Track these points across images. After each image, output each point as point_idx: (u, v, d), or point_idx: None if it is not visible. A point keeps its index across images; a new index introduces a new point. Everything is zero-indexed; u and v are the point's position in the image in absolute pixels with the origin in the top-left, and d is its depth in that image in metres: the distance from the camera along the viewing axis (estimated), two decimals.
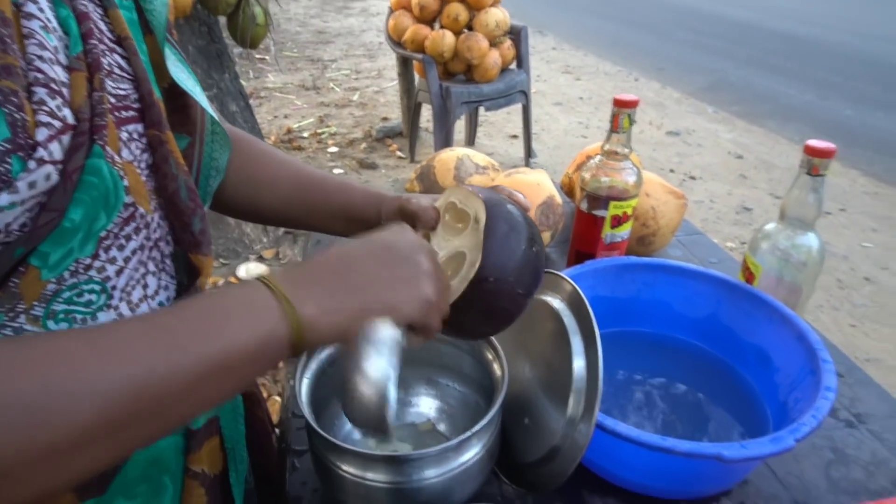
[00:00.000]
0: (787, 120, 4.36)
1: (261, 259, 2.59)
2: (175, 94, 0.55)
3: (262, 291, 0.40)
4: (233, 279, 2.44)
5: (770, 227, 0.80)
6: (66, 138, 0.38)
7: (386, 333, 0.40)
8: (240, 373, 0.39)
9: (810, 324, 0.73)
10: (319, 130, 4.01)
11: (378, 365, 0.39)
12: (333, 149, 3.75)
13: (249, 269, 2.48)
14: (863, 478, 0.68)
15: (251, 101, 3.13)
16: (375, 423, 0.39)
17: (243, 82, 2.88)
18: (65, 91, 0.39)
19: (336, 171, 3.49)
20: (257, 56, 5.68)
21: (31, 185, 0.36)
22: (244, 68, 5.24)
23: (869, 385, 0.81)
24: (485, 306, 0.52)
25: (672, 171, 3.58)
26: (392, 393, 0.39)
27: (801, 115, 4.47)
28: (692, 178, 3.50)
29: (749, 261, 0.81)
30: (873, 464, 0.69)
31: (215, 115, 0.60)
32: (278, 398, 1.70)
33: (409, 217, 0.60)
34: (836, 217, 3.06)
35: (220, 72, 2.50)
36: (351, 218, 0.67)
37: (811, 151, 0.73)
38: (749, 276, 0.81)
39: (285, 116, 4.30)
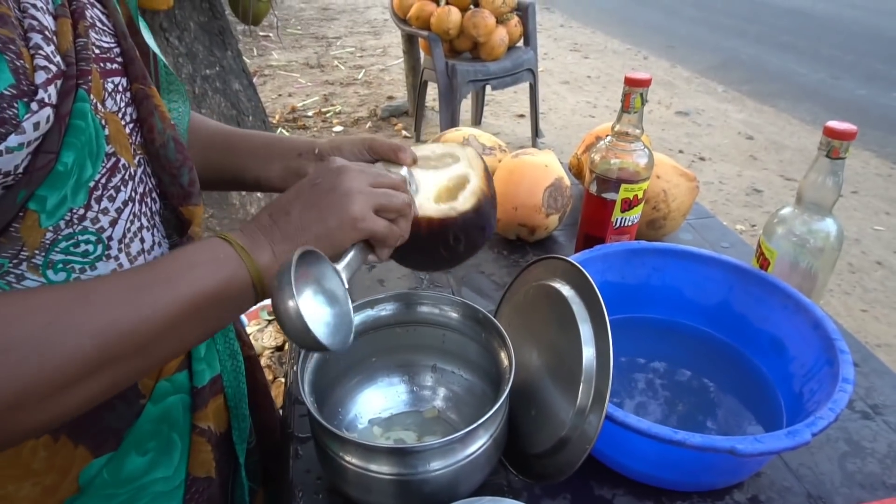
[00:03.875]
0: (799, 100, 4.29)
1: None
2: (142, 52, 0.55)
3: (221, 244, 0.47)
4: None
5: (786, 211, 0.78)
6: (59, 82, 0.40)
7: (288, 260, 0.42)
8: (209, 313, 0.45)
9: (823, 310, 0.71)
10: (324, 109, 3.97)
11: (283, 289, 0.41)
12: (338, 128, 3.72)
13: None
14: (879, 471, 0.66)
15: (255, 80, 3.09)
16: (308, 339, 0.42)
17: (246, 60, 2.84)
18: (55, 38, 0.41)
19: None
20: (261, 33, 5.61)
21: (35, 126, 0.38)
22: (247, 46, 5.19)
23: (885, 374, 0.79)
24: (477, 227, 0.62)
25: (681, 151, 3.53)
26: (304, 307, 0.41)
27: (813, 94, 4.39)
28: (701, 158, 3.46)
29: (764, 246, 0.79)
30: (890, 457, 0.68)
31: (168, 66, 0.60)
32: (283, 379, 1.69)
33: (384, 152, 0.63)
34: (847, 199, 3.02)
35: (223, 49, 2.46)
36: (271, 155, 0.66)
37: (831, 133, 0.70)
38: (764, 261, 0.79)
39: (289, 95, 4.26)
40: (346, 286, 0.47)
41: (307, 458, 0.67)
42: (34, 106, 0.38)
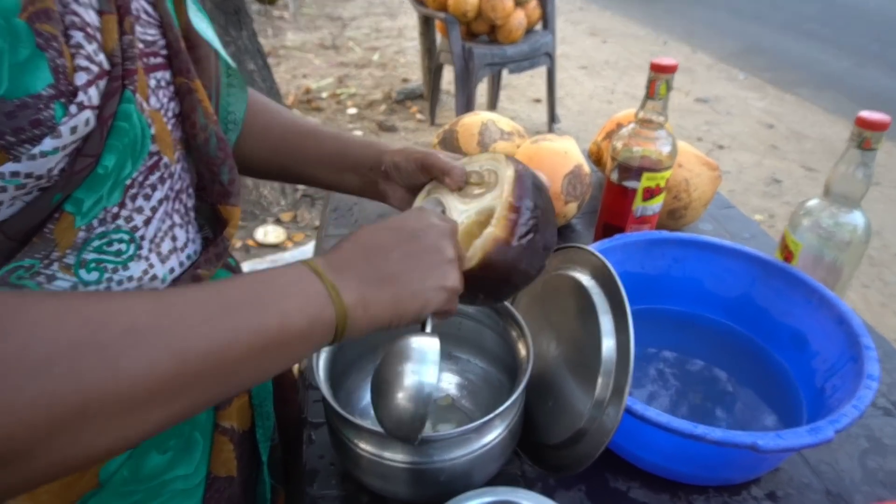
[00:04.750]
0: (822, 88, 4.20)
1: (278, 222, 2.58)
2: (190, 45, 0.53)
3: (311, 276, 0.42)
4: (250, 242, 2.44)
5: (813, 203, 0.76)
6: (102, 83, 0.38)
7: (429, 347, 0.39)
8: (292, 349, 0.41)
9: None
10: (338, 91, 3.95)
11: (421, 380, 0.38)
12: (352, 110, 3.70)
13: (267, 232, 2.47)
14: None
15: (269, 60, 3.08)
16: (407, 434, 0.39)
17: (261, 40, 2.83)
18: (98, 36, 0.39)
19: (355, 132, 3.44)
20: (275, 13, 5.58)
21: (73, 129, 0.36)
22: (262, 26, 5.16)
23: None
24: (492, 280, 0.52)
25: (700, 139, 3.48)
26: (429, 408, 0.38)
27: (837, 83, 4.30)
28: (720, 147, 3.40)
29: (788, 238, 0.77)
30: None
31: (232, 64, 0.58)
32: None
33: (436, 173, 0.59)
34: (869, 191, 2.96)
35: (238, 29, 2.45)
36: (344, 167, 0.66)
37: (863, 123, 0.68)
38: (788, 254, 0.77)
39: (304, 76, 4.24)
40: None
41: (320, 444, 0.67)
42: (73, 109, 0.36)
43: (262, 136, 0.67)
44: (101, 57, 0.39)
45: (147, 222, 0.45)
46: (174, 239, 0.49)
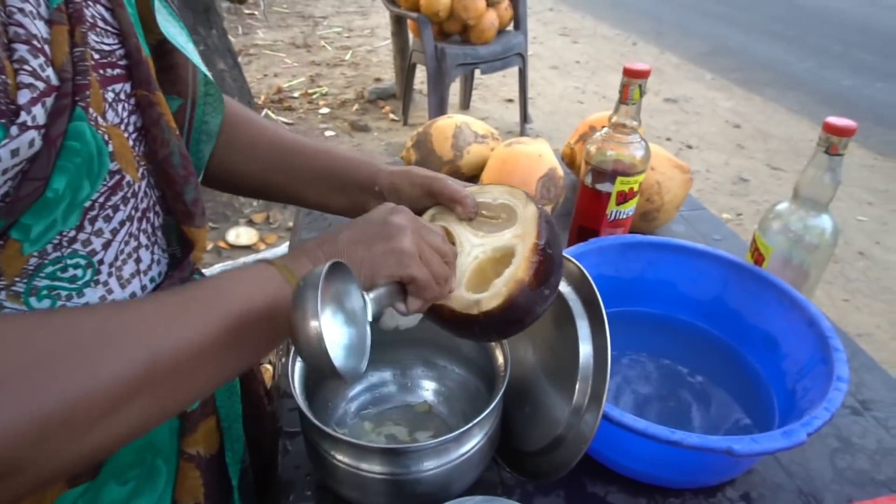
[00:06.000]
0: (787, 88, 4.30)
1: (251, 223, 2.54)
2: (164, 52, 0.51)
3: (264, 265, 0.44)
4: (222, 243, 2.40)
5: (782, 206, 0.77)
6: (49, 101, 0.35)
7: (314, 272, 0.38)
8: (260, 332, 0.42)
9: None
10: (310, 90, 3.91)
11: (306, 301, 0.37)
12: (325, 110, 3.66)
13: (239, 234, 2.44)
14: (868, 468, 0.66)
15: (240, 59, 3.03)
16: (321, 361, 0.38)
17: (231, 39, 2.78)
18: (47, 48, 0.36)
19: (327, 133, 3.41)
20: (246, 11, 5.50)
21: (14, 152, 0.34)
22: (232, 24, 5.08)
23: (874, 370, 0.79)
24: (507, 321, 0.51)
25: (669, 139, 3.53)
26: (325, 327, 0.37)
27: (801, 83, 4.40)
28: (689, 147, 3.46)
29: (759, 241, 0.79)
30: (879, 453, 0.68)
31: (209, 75, 0.56)
32: (269, 366, 1.68)
33: (444, 201, 0.57)
34: None
35: (208, 27, 2.40)
36: (334, 185, 0.64)
37: (830, 129, 0.70)
38: (759, 257, 0.78)
39: (275, 75, 4.18)
40: (370, 318, 0.43)
41: (296, 454, 0.65)
42: (14, 130, 0.33)
43: (249, 150, 0.64)
44: (49, 72, 0.36)
45: (106, 245, 0.43)
46: (138, 261, 0.47)
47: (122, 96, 0.44)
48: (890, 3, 6.50)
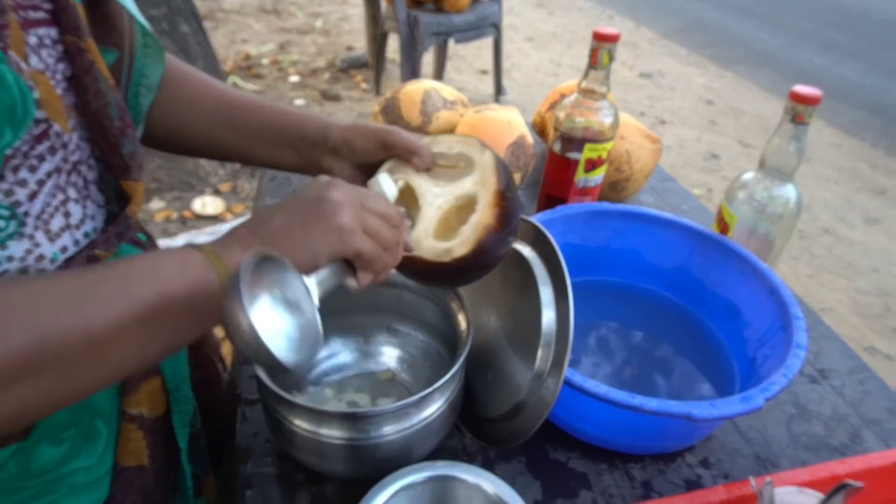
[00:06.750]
0: (758, 65, 4.33)
1: (217, 193, 2.49)
2: (97, 1, 0.48)
3: (189, 249, 0.42)
4: (187, 213, 2.34)
5: (748, 176, 0.77)
6: None
7: (241, 266, 0.36)
8: (175, 321, 0.40)
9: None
10: (280, 58, 3.81)
11: (232, 295, 0.35)
12: (295, 78, 3.58)
13: (205, 203, 2.38)
14: (823, 433, 0.67)
15: (205, 24, 2.93)
16: (264, 357, 0.36)
17: (196, 2, 2.69)
18: None
19: (297, 101, 3.34)
20: None
21: None
22: None
23: (832, 339, 0.81)
24: (479, 266, 0.53)
25: (643, 114, 3.53)
26: (259, 322, 0.35)
27: (772, 60, 4.43)
28: (662, 122, 3.47)
29: (725, 211, 0.79)
30: (834, 419, 0.69)
31: (146, 25, 0.53)
32: None
33: (400, 152, 0.56)
34: (800, 167, 3.08)
35: None
36: (283, 142, 0.61)
37: (796, 98, 0.70)
38: (724, 226, 0.78)
39: (243, 41, 4.06)
40: (317, 303, 0.41)
41: (255, 421, 0.64)
42: None
43: (192, 105, 0.62)
44: None
45: (32, 196, 0.41)
46: (67, 215, 0.45)
47: (48, 42, 0.42)
48: None
